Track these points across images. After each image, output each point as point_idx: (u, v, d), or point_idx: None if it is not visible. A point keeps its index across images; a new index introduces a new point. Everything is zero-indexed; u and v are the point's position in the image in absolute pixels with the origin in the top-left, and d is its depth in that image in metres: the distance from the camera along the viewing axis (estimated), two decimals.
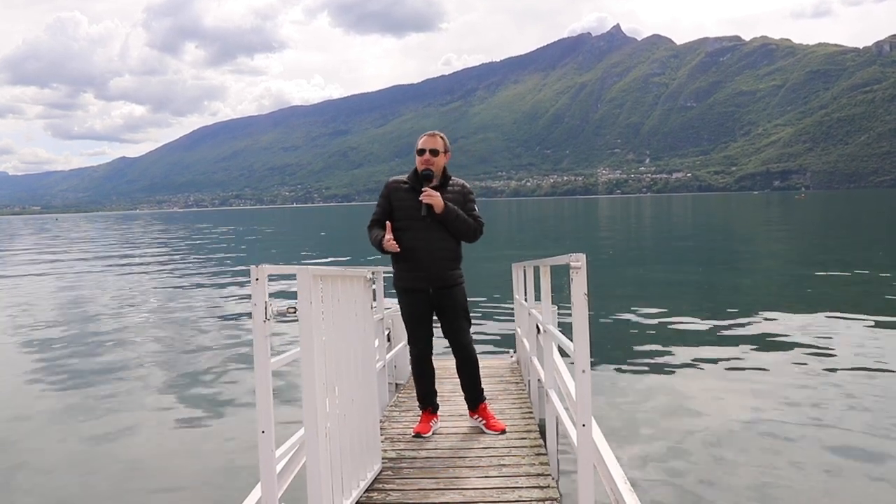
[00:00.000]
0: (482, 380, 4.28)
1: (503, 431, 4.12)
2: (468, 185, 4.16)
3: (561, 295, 3.49)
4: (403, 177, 4.13)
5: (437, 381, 4.32)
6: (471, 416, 4.28)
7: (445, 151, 4.06)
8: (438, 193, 3.93)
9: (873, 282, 13.80)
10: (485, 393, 4.30)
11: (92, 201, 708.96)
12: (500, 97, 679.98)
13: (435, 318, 4.17)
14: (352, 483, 3.04)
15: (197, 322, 11.98)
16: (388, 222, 3.99)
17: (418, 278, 4.01)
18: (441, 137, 4.07)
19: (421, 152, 4.02)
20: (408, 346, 6.11)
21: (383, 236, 3.93)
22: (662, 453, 5.06)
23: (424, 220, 3.94)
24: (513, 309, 7.52)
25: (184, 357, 9.15)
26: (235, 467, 5.08)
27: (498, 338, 9.59)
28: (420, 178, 4.01)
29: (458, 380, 4.26)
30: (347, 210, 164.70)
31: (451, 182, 4.09)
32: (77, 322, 12.35)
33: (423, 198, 3.90)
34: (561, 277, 2.69)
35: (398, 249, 3.92)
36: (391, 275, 4.22)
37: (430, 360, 4.21)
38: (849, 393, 6.37)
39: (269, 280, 2.34)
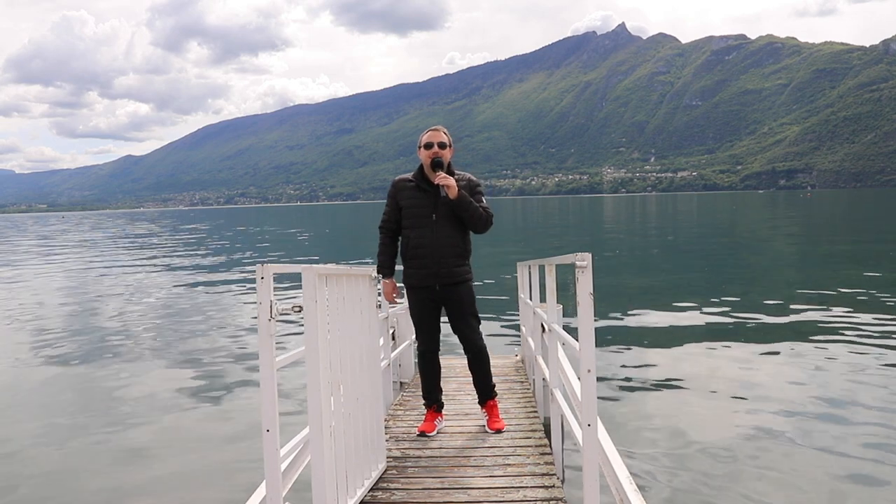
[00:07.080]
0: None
1: (499, 431, 4.12)
2: (475, 178, 4.17)
3: (566, 294, 3.47)
4: (409, 175, 4.15)
5: (442, 379, 4.32)
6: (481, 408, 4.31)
7: (450, 145, 4.08)
8: (452, 178, 3.94)
9: (886, 284, 13.71)
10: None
11: (98, 199, 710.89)
12: (504, 96, 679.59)
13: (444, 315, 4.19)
14: (356, 482, 3.03)
15: (202, 320, 11.99)
16: (389, 280, 4.14)
17: (425, 276, 4.03)
18: (444, 132, 4.09)
19: (429, 146, 4.03)
20: (413, 345, 6.17)
21: (388, 287, 4.15)
22: (668, 454, 5.03)
23: (431, 218, 3.98)
24: (518, 307, 7.50)
25: (187, 354, 9.15)
26: (240, 466, 5.08)
27: (503, 337, 9.57)
28: (432, 167, 4.02)
29: (463, 378, 4.26)
30: (361, 207, 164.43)
31: (456, 175, 4.08)
32: (81, 318, 12.40)
33: (439, 180, 3.91)
34: (566, 277, 2.71)
35: (398, 303, 4.23)
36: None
37: (437, 357, 4.22)
38: (857, 398, 6.31)
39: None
